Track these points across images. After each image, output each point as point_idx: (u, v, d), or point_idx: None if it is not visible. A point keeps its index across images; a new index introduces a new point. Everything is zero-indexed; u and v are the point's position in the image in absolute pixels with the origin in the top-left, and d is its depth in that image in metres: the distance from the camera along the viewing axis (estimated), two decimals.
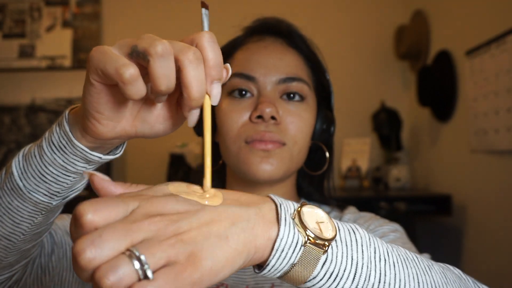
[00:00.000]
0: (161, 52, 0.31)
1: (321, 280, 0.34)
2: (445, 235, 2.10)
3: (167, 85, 0.32)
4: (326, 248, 0.34)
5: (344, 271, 0.34)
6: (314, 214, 0.35)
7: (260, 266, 0.35)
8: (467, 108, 1.84)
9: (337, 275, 0.34)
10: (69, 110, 0.42)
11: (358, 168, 2.27)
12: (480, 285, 0.44)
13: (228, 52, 0.67)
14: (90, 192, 0.35)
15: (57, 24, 2.63)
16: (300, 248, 0.33)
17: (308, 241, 0.33)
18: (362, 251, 0.35)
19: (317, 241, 0.33)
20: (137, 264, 0.26)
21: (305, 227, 0.34)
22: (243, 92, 0.62)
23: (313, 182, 0.72)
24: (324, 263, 0.34)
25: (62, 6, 2.64)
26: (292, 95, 0.63)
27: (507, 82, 1.56)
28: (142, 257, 0.26)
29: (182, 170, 2.27)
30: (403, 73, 2.54)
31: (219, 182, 0.71)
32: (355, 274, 0.34)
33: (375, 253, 0.36)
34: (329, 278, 0.34)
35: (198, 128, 0.67)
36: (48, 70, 2.57)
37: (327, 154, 0.69)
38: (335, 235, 0.34)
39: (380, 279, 0.35)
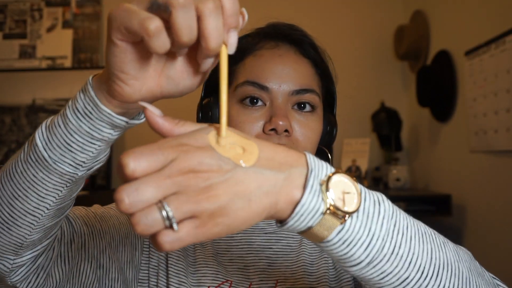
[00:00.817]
0: (183, 2, 0.32)
1: (334, 244, 0.36)
2: (444, 235, 2.09)
3: (189, 35, 0.32)
4: (344, 220, 0.35)
5: (359, 240, 0.36)
6: (343, 184, 0.36)
7: (281, 220, 0.36)
8: (466, 108, 1.84)
9: (350, 242, 0.36)
10: (92, 77, 0.42)
11: (358, 168, 2.28)
12: (487, 272, 0.46)
13: (239, 56, 0.65)
14: (90, 193, 0.35)
15: (58, 25, 2.64)
16: (319, 216, 0.35)
17: (328, 210, 0.35)
18: (382, 224, 0.37)
19: (337, 212, 0.35)
20: (165, 216, 0.30)
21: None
22: (255, 100, 0.62)
23: None
24: (340, 231, 0.35)
25: (63, 7, 2.65)
26: (303, 106, 0.63)
27: (506, 82, 1.56)
28: (170, 211, 0.30)
29: None
30: (402, 73, 2.54)
31: None
32: (369, 244, 0.36)
33: (394, 226, 0.37)
34: (342, 244, 0.36)
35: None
36: (49, 70, 2.57)
37: (330, 156, 0.70)
38: (357, 208, 0.35)
39: (393, 251, 0.37)
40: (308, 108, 0.63)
